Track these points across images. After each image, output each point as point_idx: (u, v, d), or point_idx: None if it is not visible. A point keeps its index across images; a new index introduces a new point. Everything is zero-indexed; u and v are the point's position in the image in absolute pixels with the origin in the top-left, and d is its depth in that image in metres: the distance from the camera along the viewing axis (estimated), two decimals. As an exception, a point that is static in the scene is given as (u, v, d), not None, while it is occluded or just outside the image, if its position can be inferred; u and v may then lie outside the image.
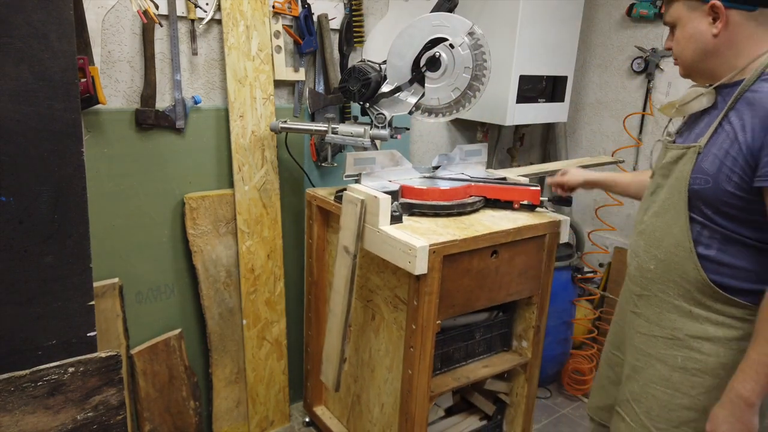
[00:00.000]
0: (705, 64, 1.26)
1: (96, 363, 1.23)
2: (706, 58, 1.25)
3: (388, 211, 1.73)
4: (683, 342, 1.31)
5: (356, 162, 1.86)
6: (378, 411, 2.01)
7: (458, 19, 1.83)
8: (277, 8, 2.11)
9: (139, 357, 2.00)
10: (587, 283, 2.91)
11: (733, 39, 1.21)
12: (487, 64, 1.85)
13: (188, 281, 2.13)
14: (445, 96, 1.91)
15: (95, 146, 1.84)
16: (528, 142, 3.26)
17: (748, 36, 1.20)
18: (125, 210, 1.94)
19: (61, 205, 1.18)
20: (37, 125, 1.12)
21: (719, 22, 1.20)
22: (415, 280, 1.66)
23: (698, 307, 1.28)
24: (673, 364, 1.33)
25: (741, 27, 1.19)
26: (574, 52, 2.79)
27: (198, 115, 2.03)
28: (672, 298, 1.33)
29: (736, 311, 1.25)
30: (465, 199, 1.91)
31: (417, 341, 1.72)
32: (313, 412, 2.36)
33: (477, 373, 1.98)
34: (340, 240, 1.84)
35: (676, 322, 1.32)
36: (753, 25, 1.19)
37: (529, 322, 2.06)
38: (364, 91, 1.93)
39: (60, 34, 1.12)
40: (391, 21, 2.46)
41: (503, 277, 1.86)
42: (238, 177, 2.11)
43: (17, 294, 1.16)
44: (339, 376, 1.89)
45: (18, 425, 1.14)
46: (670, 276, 1.32)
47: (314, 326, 2.26)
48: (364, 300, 1.99)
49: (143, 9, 1.72)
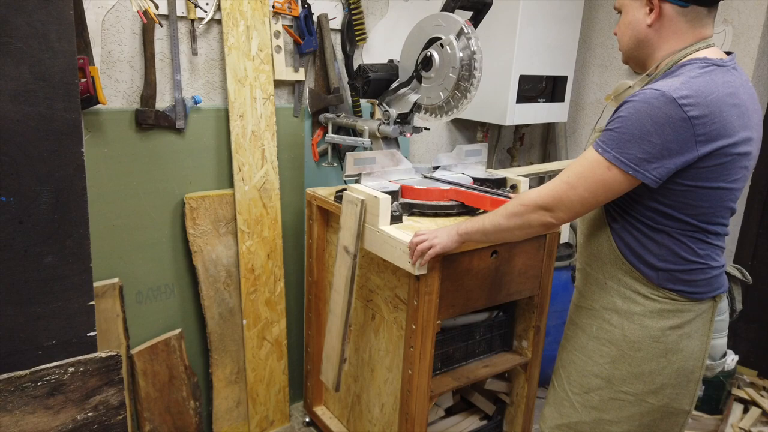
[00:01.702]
0: (637, 53, 1.33)
1: (96, 363, 1.23)
2: (638, 47, 1.32)
3: (388, 211, 1.73)
4: (597, 312, 1.41)
5: (356, 162, 1.86)
6: (378, 411, 2.01)
7: (453, 19, 1.83)
8: (277, 8, 2.11)
9: (139, 357, 2.00)
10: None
11: (663, 32, 1.27)
12: (477, 65, 1.81)
13: (188, 281, 2.13)
14: (435, 95, 1.91)
15: (95, 146, 1.84)
16: (528, 142, 3.26)
17: (674, 31, 1.26)
18: (125, 210, 1.94)
19: (61, 205, 1.18)
20: (37, 125, 1.12)
21: (654, 13, 1.26)
22: (415, 280, 1.66)
23: (610, 280, 1.37)
24: (590, 333, 1.43)
25: (672, 21, 1.25)
26: (574, 52, 2.79)
27: (198, 115, 2.03)
28: (593, 270, 1.42)
29: (641, 287, 1.32)
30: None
31: (417, 341, 1.72)
32: (313, 412, 2.36)
33: (477, 373, 1.98)
34: (340, 240, 1.84)
35: (594, 294, 1.42)
36: (682, 21, 1.25)
37: (529, 322, 2.06)
38: (366, 88, 2.00)
39: (60, 34, 1.12)
40: (391, 21, 2.46)
41: (503, 277, 1.86)
42: (238, 177, 2.11)
43: (17, 294, 1.16)
44: (339, 377, 1.89)
45: (18, 425, 1.14)
46: (591, 249, 1.42)
47: (314, 326, 2.26)
48: (364, 300, 1.99)
49: (143, 9, 1.72)
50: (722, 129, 1.17)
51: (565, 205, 1.26)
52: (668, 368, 1.33)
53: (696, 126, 1.14)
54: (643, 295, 1.32)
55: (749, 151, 1.23)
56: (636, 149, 1.17)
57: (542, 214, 1.30)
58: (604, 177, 1.21)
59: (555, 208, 1.28)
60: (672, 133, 1.14)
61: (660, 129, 1.14)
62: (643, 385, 1.35)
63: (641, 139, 1.16)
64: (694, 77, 1.18)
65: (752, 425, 2.53)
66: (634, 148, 1.17)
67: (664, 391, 1.34)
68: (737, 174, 1.23)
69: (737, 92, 1.21)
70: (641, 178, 1.18)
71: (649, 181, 1.19)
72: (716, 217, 1.26)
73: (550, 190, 1.28)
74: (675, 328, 1.31)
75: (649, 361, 1.33)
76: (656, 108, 1.14)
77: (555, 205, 1.27)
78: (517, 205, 1.34)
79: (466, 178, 2.02)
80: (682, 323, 1.31)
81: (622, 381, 1.36)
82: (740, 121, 1.20)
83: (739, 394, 2.71)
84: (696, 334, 1.32)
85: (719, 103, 1.17)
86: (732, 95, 1.19)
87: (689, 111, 1.14)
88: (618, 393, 1.37)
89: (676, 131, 1.14)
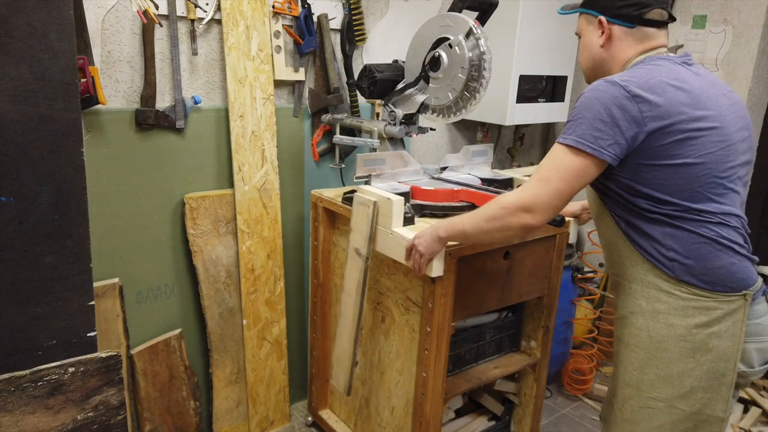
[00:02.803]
0: (596, 71, 1.45)
1: (96, 363, 1.23)
2: (595, 66, 1.45)
3: (402, 212, 1.70)
4: (627, 319, 1.41)
5: (366, 163, 1.83)
6: (388, 414, 1.99)
7: (462, 19, 1.81)
8: (277, 8, 2.11)
9: (139, 357, 2.00)
10: (587, 283, 2.91)
11: (614, 50, 1.40)
12: (486, 65, 1.80)
13: (188, 281, 2.13)
14: (443, 96, 1.89)
15: (95, 146, 1.84)
16: (528, 142, 3.26)
17: (624, 48, 1.39)
18: (125, 210, 1.94)
19: (61, 205, 1.18)
20: (37, 125, 1.12)
21: (604, 35, 1.40)
22: (431, 282, 1.64)
23: (634, 283, 1.38)
24: (625, 342, 1.42)
25: (621, 40, 1.39)
26: (574, 52, 2.79)
27: (198, 115, 2.03)
28: (619, 278, 1.43)
29: (662, 283, 1.33)
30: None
31: (432, 344, 1.70)
32: (318, 415, 2.33)
33: (488, 374, 1.97)
34: (350, 242, 1.81)
35: (623, 301, 1.43)
36: (630, 39, 1.38)
37: (538, 322, 2.05)
38: (372, 88, 1.99)
39: (60, 34, 1.12)
40: (390, 21, 2.46)
41: (514, 278, 1.85)
42: (238, 177, 2.11)
43: (17, 294, 1.16)
44: (351, 380, 1.86)
45: (18, 425, 1.14)
46: (613, 257, 1.44)
47: (320, 329, 2.23)
48: (373, 302, 1.96)
49: (143, 9, 1.72)
50: (669, 107, 1.24)
51: (543, 203, 1.28)
52: (697, 369, 1.29)
53: (640, 104, 1.23)
54: (666, 291, 1.31)
55: (710, 126, 1.26)
56: (590, 129, 1.24)
57: (522, 216, 1.30)
58: (572, 164, 1.26)
59: (534, 208, 1.29)
60: (619, 111, 1.23)
61: (607, 109, 1.23)
62: (672, 389, 1.31)
63: (594, 119, 1.24)
64: (636, 68, 1.32)
65: (752, 425, 2.53)
66: (589, 129, 1.24)
67: (695, 395, 1.30)
68: (705, 149, 1.25)
69: (684, 79, 1.28)
70: (599, 156, 1.24)
71: (607, 158, 1.24)
72: (700, 194, 1.27)
73: (527, 190, 1.31)
74: (702, 327, 1.28)
75: (676, 362, 1.31)
76: (602, 92, 1.25)
77: (533, 205, 1.29)
78: (497, 208, 1.35)
79: (474, 179, 2.00)
80: (710, 321, 1.28)
81: (651, 386, 1.34)
82: (691, 101, 1.26)
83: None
84: (726, 334, 1.28)
85: (662, 85, 1.25)
86: (677, 80, 1.27)
87: (632, 90, 1.23)
88: (647, 400, 1.35)
89: (622, 109, 1.23)
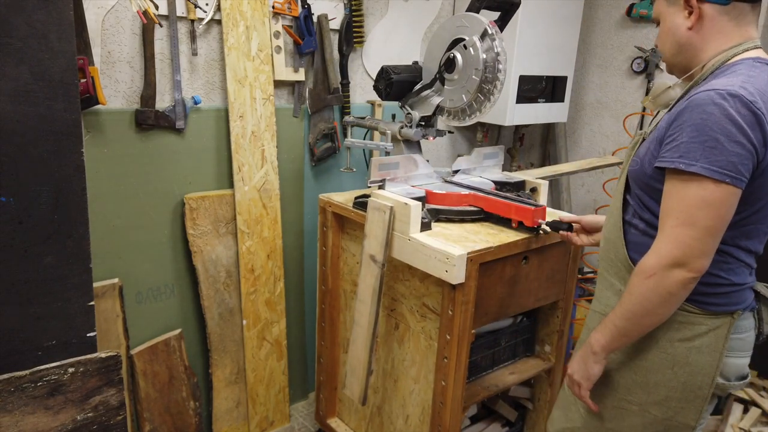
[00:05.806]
0: (680, 58, 1.28)
1: (96, 363, 1.23)
2: (680, 52, 1.27)
3: (419, 218, 1.67)
4: None
5: (380, 167, 1.79)
6: (402, 423, 1.94)
7: (477, 20, 1.76)
8: (277, 8, 2.11)
9: (139, 357, 2.00)
10: (587, 283, 2.91)
11: (706, 33, 1.23)
12: (501, 67, 1.74)
13: (188, 281, 2.13)
14: (457, 98, 1.85)
15: (95, 146, 1.84)
16: (528, 142, 3.26)
17: (718, 30, 1.22)
18: (125, 210, 1.94)
19: (61, 205, 1.18)
20: (37, 125, 1.12)
21: (693, 15, 1.22)
22: (451, 288, 1.60)
23: (625, 287, 1.30)
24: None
25: (714, 21, 1.21)
26: (574, 52, 2.79)
27: (198, 115, 2.03)
28: (609, 276, 1.38)
29: None
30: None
31: (452, 352, 1.65)
32: (326, 423, 2.26)
33: (505, 380, 1.94)
34: (365, 249, 1.77)
35: (609, 299, 1.37)
36: (725, 20, 1.21)
37: (553, 327, 2.03)
38: (388, 90, 1.95)
39: (60, 34, 1.12)
40: (391, 21, 2.46)
41: (532, 282, 1.82)
42: (238, 177, 2.11)
43: (17, 294, 1.16)
44: (366, 390, 1.81)
45: (18, 425, 1.14)
46: (609, 254, 1.38)
47: (328, 336, 2.17)
48: (386, 309, 1.92)
49: (143, 9, 1.72)
50: None
51: (696, 249, 1.13)
52: (674, 380, 1.28)
53: (764, 124, 1.10)
54: None
55: None
56: (726, 155, 1.09)
57: (677, 273, 1.14)
58: (714, 195, 1.10)
59: (687, 259, 1.13)
60: (751, 131, 1.09)
61: (740, 129, 1.08)
62: (647, 396, 1.31)
63: (728, 141, 1.09)
64: (752, 76, 1.13)
65: (752, 425, 2.53)
66: (723, 153, 1.09)
67: (669, 403, 1.30)
68: None
69: None
70: (741, 186, 1.10)
71: (742, 186, 1.11)
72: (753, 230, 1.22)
73: (669, 243, 1.15)
74: (684, 341, 1.26)
75: (654, 372, 1.30)
76: (727, 108, 1.09)
77: (685, 255, 1.13)
78: (641, 281, 1.19)
79: (486, 182, 1.98)
80: (693, 336, 1.26)
81: (626, 390, 1.34)
82: None
83: (739, 394, 2.71)
84: (707, 349, 1.26)
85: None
86: None
87: (759, 108, 1.09)
88: (621, 401, 1.35)
89: (753, 129, 1.09)
